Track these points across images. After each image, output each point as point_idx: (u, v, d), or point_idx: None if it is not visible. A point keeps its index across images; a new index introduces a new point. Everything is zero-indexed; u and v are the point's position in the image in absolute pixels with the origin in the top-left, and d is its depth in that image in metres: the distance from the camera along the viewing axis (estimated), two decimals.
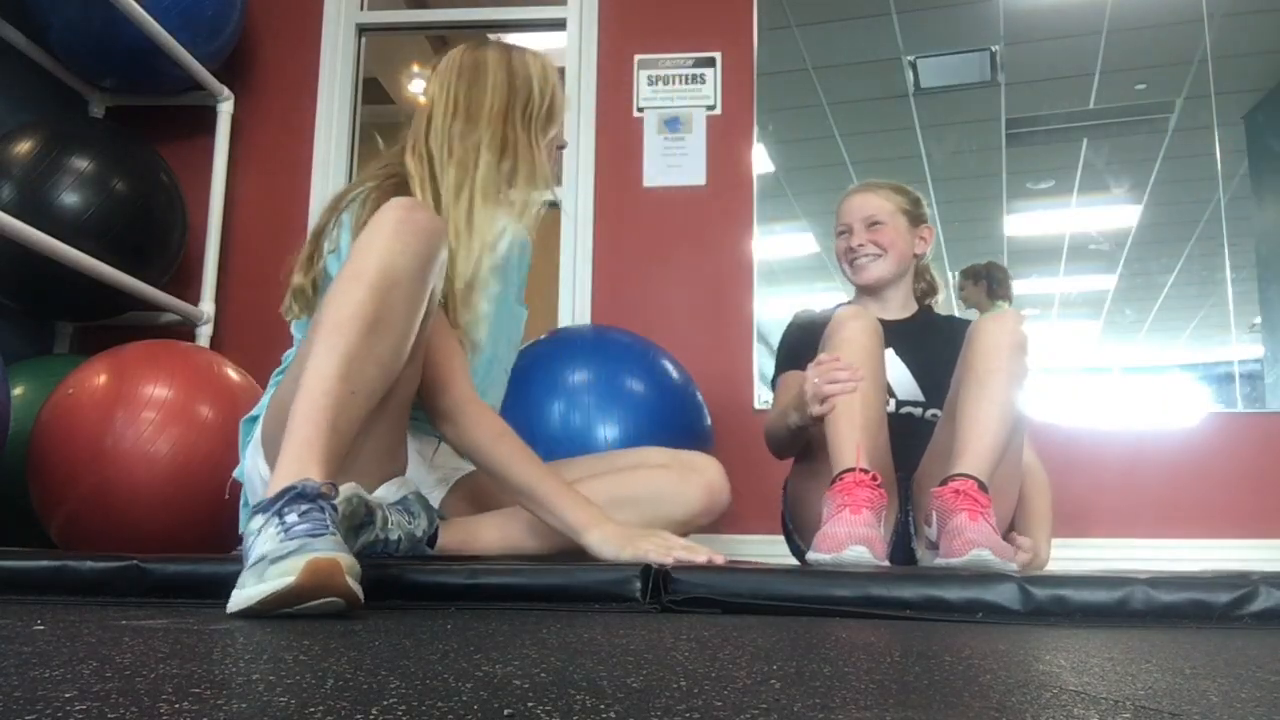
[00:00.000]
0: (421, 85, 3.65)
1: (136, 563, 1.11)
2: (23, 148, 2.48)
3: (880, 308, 1.97)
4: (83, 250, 2.34)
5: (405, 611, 0.99)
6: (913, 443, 1.80)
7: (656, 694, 0.51)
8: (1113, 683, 0.61)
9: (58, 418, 2.00)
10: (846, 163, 3.22)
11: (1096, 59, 3.07)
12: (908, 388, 1.90)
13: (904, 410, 1.88)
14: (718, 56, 3.08)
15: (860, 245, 1.94)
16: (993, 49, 3.10)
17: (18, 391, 2.26)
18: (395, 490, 1.41)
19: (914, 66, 3.16)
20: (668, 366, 2.39)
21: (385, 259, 1.17)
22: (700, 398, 2.43)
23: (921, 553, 1.73)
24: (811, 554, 1.47)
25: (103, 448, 1.93)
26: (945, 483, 1.49)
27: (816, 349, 1.74)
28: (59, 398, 2.03)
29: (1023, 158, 3.14)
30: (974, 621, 1.03)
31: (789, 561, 1.89)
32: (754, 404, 2.87)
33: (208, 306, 2.91)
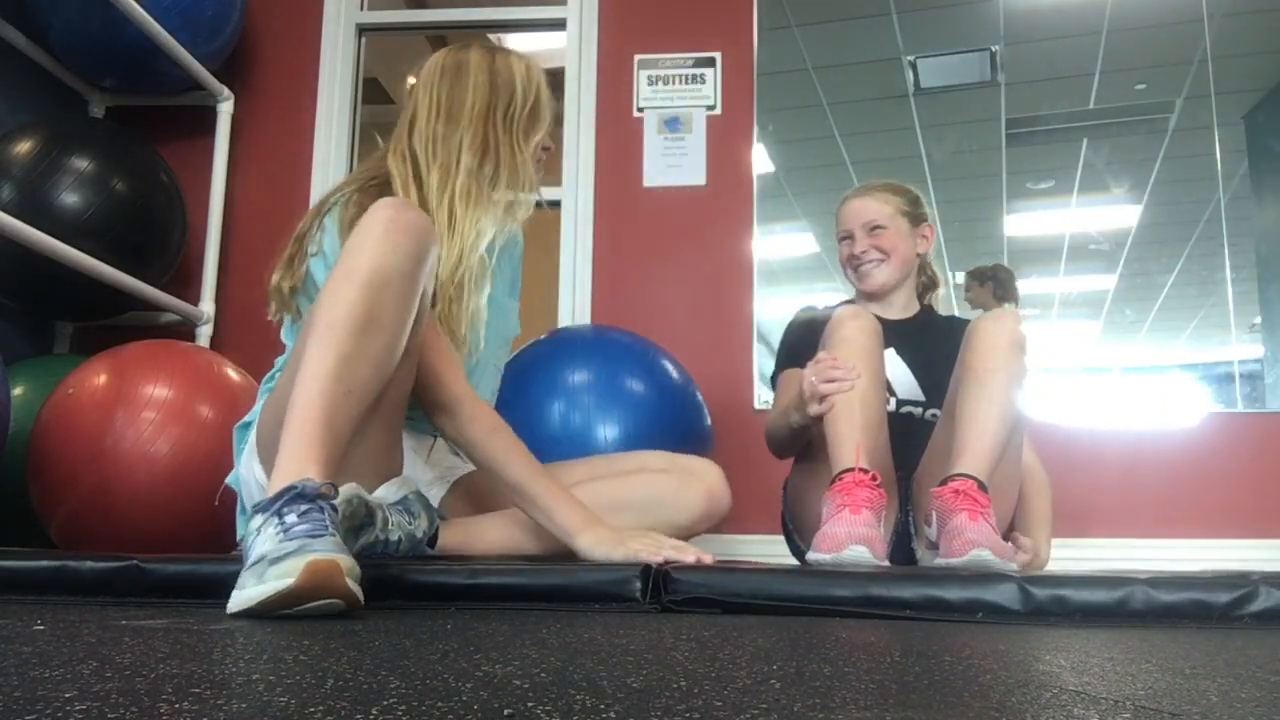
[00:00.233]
0: None
1: (136, 563, 1.11)
2: (23, 148, 2.48)
3: (882, 308, 1.97)
4: (83, 250, 2.34)
5: (405, 611, 0.99)
6: (913, 442, 1.80)
7: (656, 694, 0.51)
8: (1113, 683, 0.61)
9: (58, 418, 2.00)
10: (846, 163, 3.22)
11: (1096, 59, 3.07)
12: (908, 387, 1.90)
13: (904, 410, 1.88)
14: (718, 56, 3.08)
15: (863, 252, 1.94)
16: (993, 49, 3.10)
17: (18, 391, 2.26)
18: (395, 490, 1.40)
19: (914, 66, 3.16)
20: (668, 366, 2.39)
21: (376, 258, 1.17)
22: (700, 398, 2.43)
23: (921, 553, 1.73)
24: (811, 554, 1.47)
25: (103, 448, 1.93)
26: (945, 483, 1.49)
27: (818, 347, 1.74)
28: (59, 398, 2.03)
29: (1023, 158, 3.14)
30: (974, 621, 1.03)
31: (789, 561, 1.89)
32: (754, 404, 2.87)
33: (208, 306, 2.91)
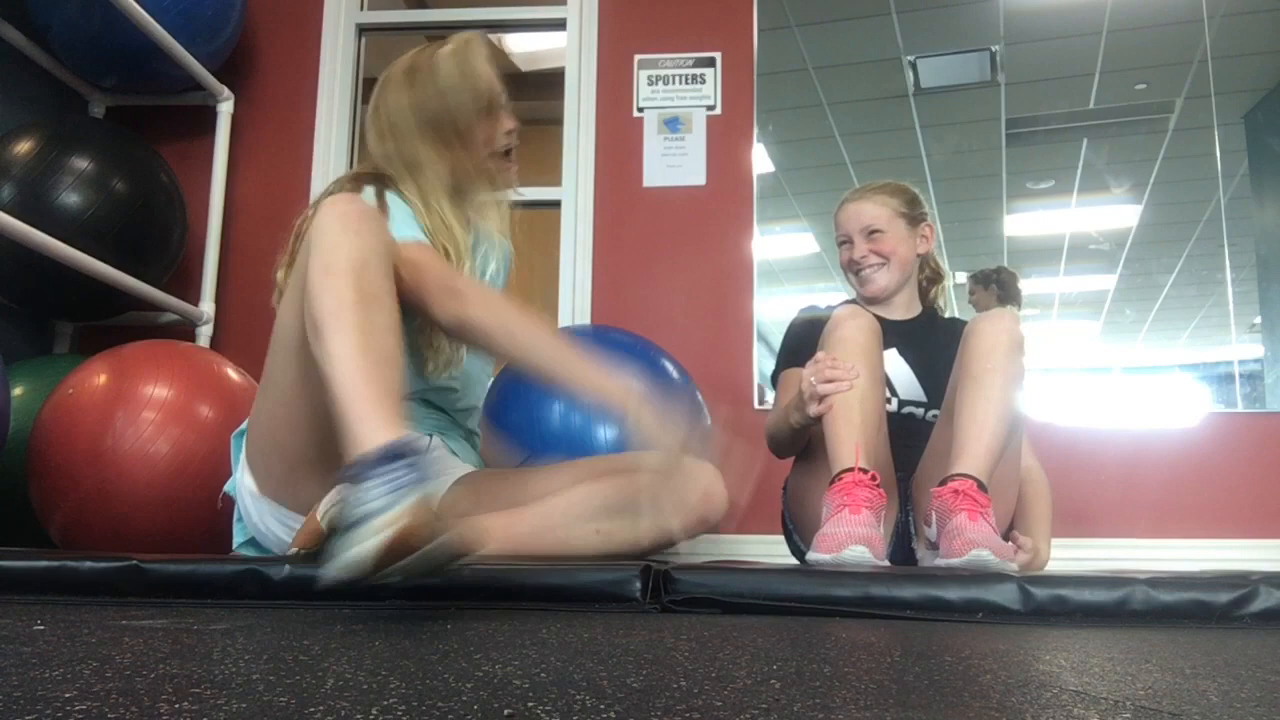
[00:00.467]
0: None
1: (136, 563, 1.11)
2: (23, 148, 2.48)
3: (885, 309, 1.97)
4: (83, 250, 2.34)
5: (405, 611, 0.99)
6: (914, 443, 1.80)
7: (656, 694, 0.51)
8: (1113, 683, 0.61)
9: (58, 418, 1.99)
10: (846, 163, 3.22)
11: (1096, 59, 3.07)
12: (910, 387, 1.90)
13: (906, 410, 1.88)
14: (718, 56, 3.08)
15: (863, 257, 1.93)
16: (993, 49, 3.10)
17: (18, 391, 2.26)
18: None
19: (914, 66, 3.16)
20: (668, 366, 2.39)
21: (345, 247, 1.18)
22: (700, 398, 2.43)
23: (921, 553, 1.73)
24: (811, 554, 1.47)
25: (103, 448, 1.93)
26: (944, 483, 1.49)
27: (817, 348, 1.74)
28: (59, 398, 2.03)
29: (1023, 158, 3.14)
30: (974, 621, 1.03)
31: (789, 561, 1.89)
32: (754, 404, 2.87)
33: (208, 306, 2.91)
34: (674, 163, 3.02)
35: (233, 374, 2.15)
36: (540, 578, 1.11)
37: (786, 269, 3.16)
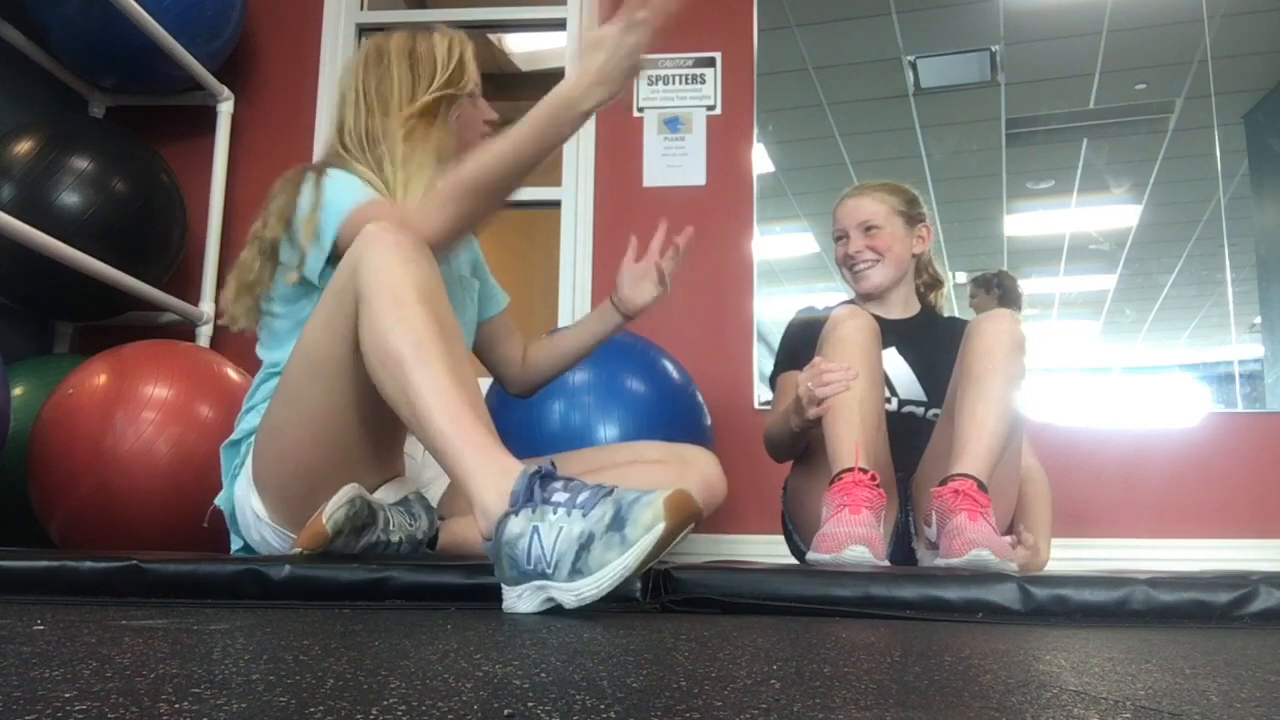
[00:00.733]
0: None
1: (136, 563, 1.11)
2: (23, 148, 2.48)
3: (882, 308, 1.97)
4: (83, 250, 2.34)
5: (405, 611, 0.99)
6: (914, 442, 1.80)
7: (656, 694, 0.51)
8: (1113, 683, 0.61)
9: (58, 418, 1.99)
10: (846, 163, 3.22)
11: (1096, 59, 3.07)
12: (910, 387, 1.90)
13: (906, 409, 1.88)
14: (718, 56, 3.08)
15: (858, 252, 1.93)
16: (993, 49, 3.10)
17: (18, 391, 2.26)
18: (396, 491, 1.41)
19: (914, 66, 3.16)
20: (668, 366, 2.39)
21: (410, 278, 1.17)
22: (700, 398, 2.43)
23: (921, 553, 1.73)
24: (811, 554, 1.47)
25: (103, 448, 1.93)
26: (945, 483, 1.49)
27: (815, 349, 1.74)
28: (59, 398, 2.03)
29: (1023, 158, 3.14)
30: (974, 621, 1.03)
31: (789, 561, 1.89)
32: (754, 404, 2.87)
33: (208, 306, 2.91)
34: (674, 163, 3.02)
35: (233, 374, 2.15)
36: None
37: (786, 269, 3.16)
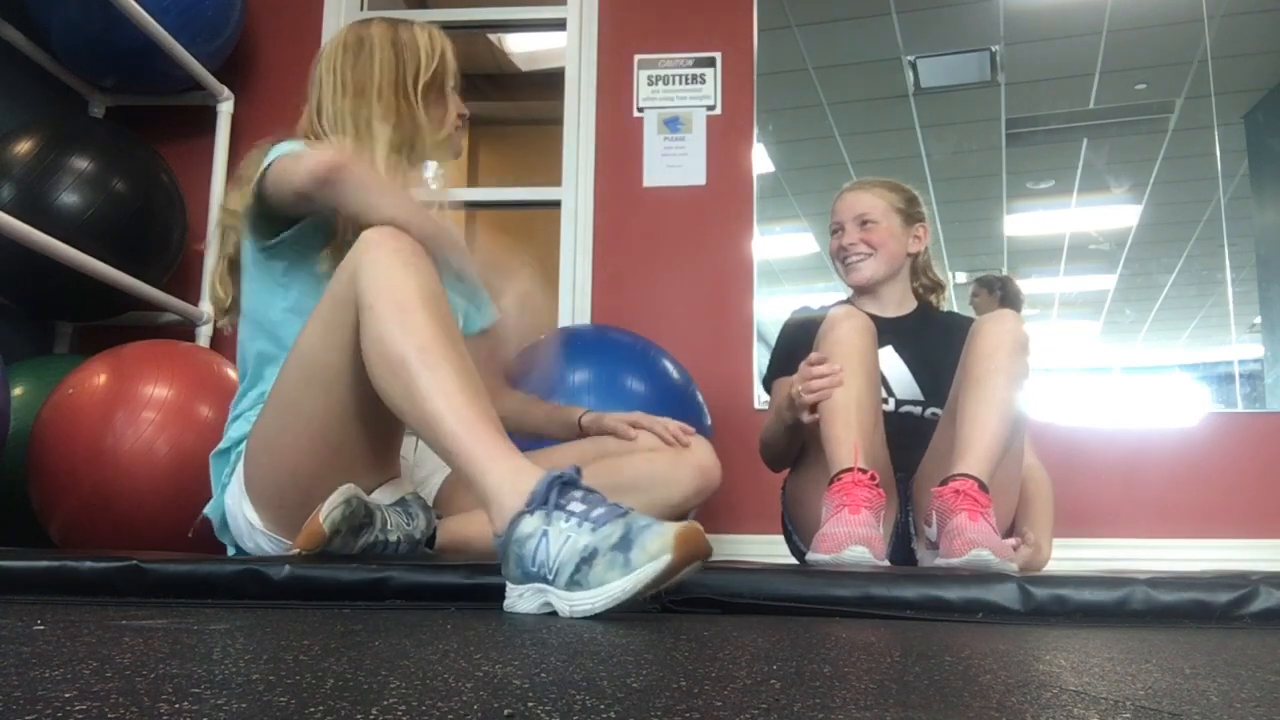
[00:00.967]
0: None
1: (136, 563, 1.11)
2: (23, 148, 2.48)
3: (877, 306, 1.97)
4: (83, 250, 2.34)
5: (405, 611, 0.99)
6: (912, 442, 1.80)
7: (656, 694, 0.51)
8: (1113, 683, 0.61)
9: (58, 418, 1.99)
10: (846, 163, 3.22)
11: (1096, 59, 3.07)
12: (907, 387, 1.89)
13: (903, 409, 1.87)
14: (718, 56, 3.08)
15: (851, 244, 1.93)
16: (993, 49, 3.10)
17: (18, 391, 2.26)
18: (392, 492, 1.41)
19: (914, 66, 3.16)
20: (668, 366, 2.39)
21: (412, 283, 1.16)
22: (700, 398, 2.43)
23: (921, 553, 1.73)
24: (811, 554, 1.47)
25: (103, 448, 1.93)
26: (945, 483, 1.49)
27: (812, 349, 1.74)
28: (59, 398, 2.03)
29: (1023, 158, 3.14)
30: (974, 621, 1.03)
31: (789, 561, 1.89)
32: (754, 404, 2.87)
33: (208, 306, 2.90)
34: (674, 163, 3.02)
35: (232, 374, 2.15)
36: None
37: (786, 269, 3.17)
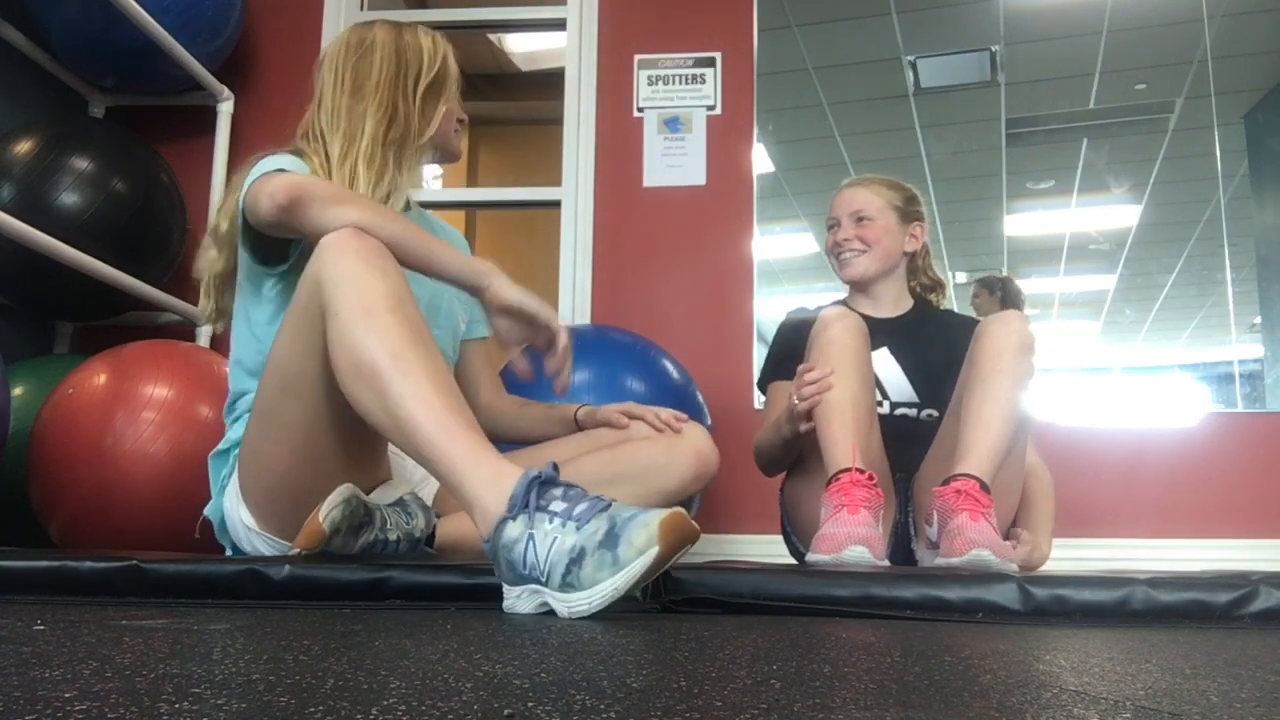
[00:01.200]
0: None
1: (136, 563, 1.11)
2: (23, 148, 2.48)
3: (872, 305, 1.97)
4: (83, 250, 2.34)
5: (405, 611, 0.99)
6: (910, 443, 1.80)
7: (656, 694, 0.51)
8: (1113, 683, 0.61)
9: (58, 418, 1.99)
10: (846, 163, 3.22)
11: (1096, 59, 3.07)
12: (901, 389, 1.89)
13: (899, 412, 1.87)
14: (718, 56, 3.08)
15: (846, 240, 1.93)
16: (993, 49, 3.10)
17: (18, 391, 2.26)
18: (389, 493, 1.41)
19: (914, 66, 3.16)
20: (668, 366, 2.39)
21: (379, 287, 1.15)
22: (700, 398, 2.43)
23: (921, 553, 1.73)
24: (811, 555, 1.47)
25: (103, 448, 1.93)
26: (947, 482, 1.49)
27: (806, 348, 1.75)
28: (59, 398, 2.03)
29: (1023, 158, 3.14)
30: (974, 621, 1.03)
31: (789, 561, 1.89)
32: (754, 404, 2.86)
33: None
34: (674, 163, 3.02)
35: None
36: None
37: (786, 269, 3.16)
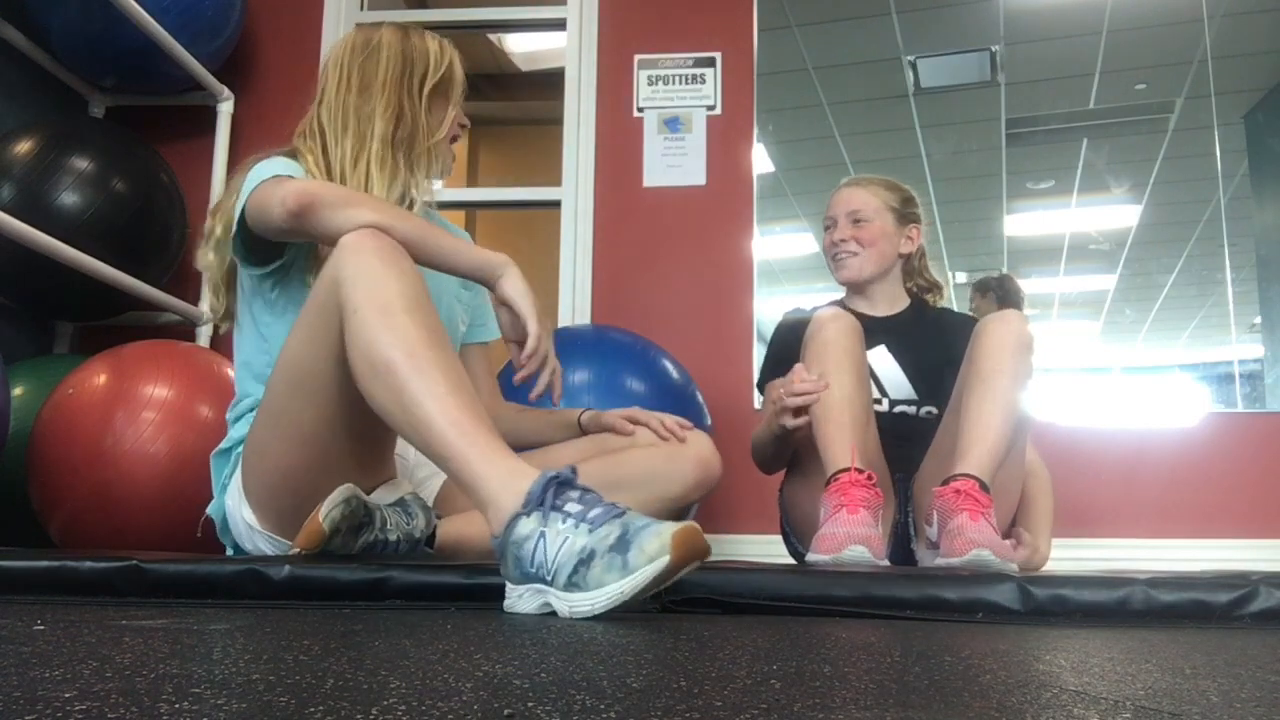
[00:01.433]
0: None
1: (136, 563, 1.11)
2: (23, 148, 2.48)
3: (868, 304, 1.97)
4: (83, 250, 2.34)
5: (405, 611, 0.99)
6: (908, 442, 1.80)
7: (656, 694, 0.51)
8: (1113, 683, 0.61)
9: (58, 418, 1.99)
10: (846, 163, 3.22)
11: (1096, 59, 3.07)
12: (900, 387, 1.89)
13: (898, 409, 1.87)
14: (718, 56, 3.08)
15: (842, 240, 1.94)
16: (993, 49, 3.10)
17: (18, 391, 2.26)
18: (390, 493, 1.41)
19: (914, 66, 3.16)
20: (668, 366, 2.39)
21: (394, 286, 1.15)
22: (700, 398, 2.43)
23: (921, 553, 1.73)
24: (811, 555, 1.47)
25: (103, 448, 1.93)
26: (947, 482, 1.49)
27: (801, 349, 1.75)
28: (59, 398, 2.03)
29: (1023, 158, 3.14)
30: (974, 621, 1.03)
31: (789, 561, 1.89)
32: (754, 404, 2.86)
33: (207, 307, 2.90)
34: (674, 163, 3.02)
35: (232, 374, 2.15)
36: None
37: (786, 269, 3.16)
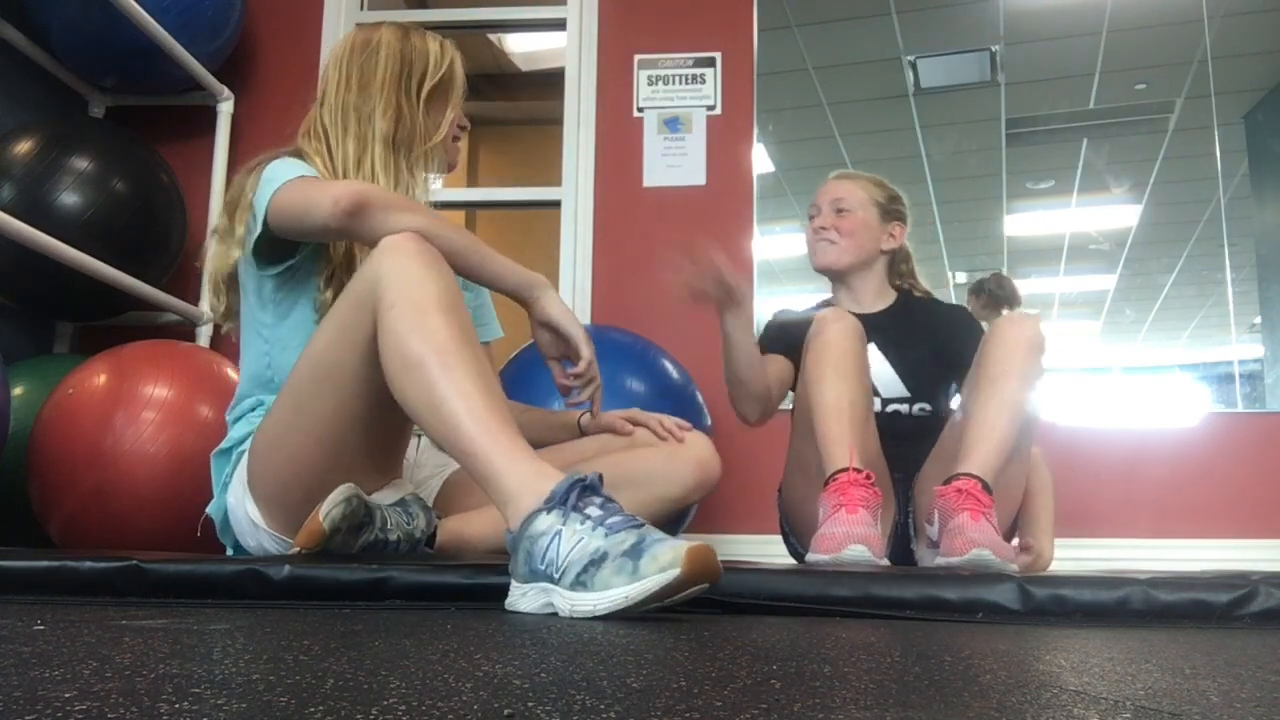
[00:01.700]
0: None
1: (136, 563, 1.11)
2: (23, 148, 2.48)
3: (851, 298, 1.96)
4: (83, 250, 2.34)
5: (405, 611, 0.99)
6: (905, 441, 1.80)
7: (656, 694, 0.51)
8: (1113, 683, 0.61)
9: (58, 418, 1.99)
10: (847, 163, 3.22)
11: (1096, 59, 3.07)
12: (892, 385, 1.89)
13: (890, 409, 1.87)
14: (718, 56, 3.08)
15: (822, 228, 1.94)
16: (993, 49, 3.10)
17: (18, 391, 2.26)
18: (391, 493, 1.41)
19: (914, 66, 3.16)
20: (668, 366, 2.39)
21: (431, 286, 1.17)
22: (700, 398, 2.43)
23: (921, 552, 1.73)
24: (811, 554, 1.47)
25: (103, 448, 1.93)
26: (949, 482, 1.49)
27: (790, 348, 1.75)
28: (59, 398, 2.03)
29: (1023, 158, 3.14)
30: (974, 621, 1.03)
31: (788, 561, 1.89)
32: None
33: (208, 307, 2.90)
34: (674, 163, 3.02)
35: (232, 374, 2.15)
36: None
37: (786, 269, 3.16)
